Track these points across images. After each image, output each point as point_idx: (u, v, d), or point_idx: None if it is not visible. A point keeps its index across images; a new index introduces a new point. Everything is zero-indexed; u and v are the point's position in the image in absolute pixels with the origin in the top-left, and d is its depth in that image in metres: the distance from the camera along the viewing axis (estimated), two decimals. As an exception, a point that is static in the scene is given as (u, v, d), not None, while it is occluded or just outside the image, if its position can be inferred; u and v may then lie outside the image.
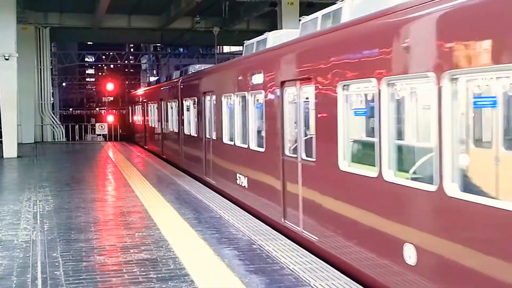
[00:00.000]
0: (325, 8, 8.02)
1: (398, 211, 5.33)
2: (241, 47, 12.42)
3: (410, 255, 5.04)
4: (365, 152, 6.43)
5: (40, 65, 31.95)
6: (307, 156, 7.56)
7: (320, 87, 6.97)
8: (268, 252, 6.90)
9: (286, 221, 8.20)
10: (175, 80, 18.99)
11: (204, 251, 7.02)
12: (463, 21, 4.42)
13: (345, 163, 6.42)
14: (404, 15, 5.27)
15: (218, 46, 39.53)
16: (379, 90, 5.56)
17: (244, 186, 10.29)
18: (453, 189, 4.52)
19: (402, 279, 5.19)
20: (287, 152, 8.28)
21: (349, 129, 6.49)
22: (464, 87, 4.50)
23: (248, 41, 11.51)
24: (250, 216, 9.23)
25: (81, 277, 6.04)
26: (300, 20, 8.89)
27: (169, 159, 19.16)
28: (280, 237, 7.69)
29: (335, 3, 7.55)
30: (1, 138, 21.81)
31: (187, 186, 12.74)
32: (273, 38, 10.19)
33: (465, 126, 4.56)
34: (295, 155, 7.94)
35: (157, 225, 8.54)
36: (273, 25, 26.87)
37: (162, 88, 21.94)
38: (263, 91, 9.25)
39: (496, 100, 4.17)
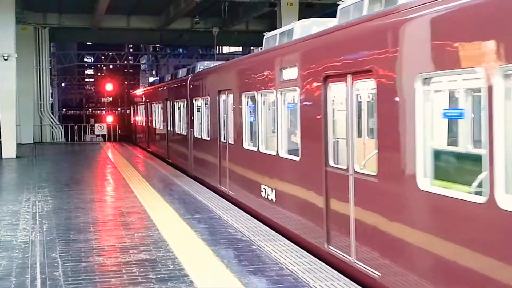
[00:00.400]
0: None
1: None
2: (240, 47, 12.38)
3: None
4: (460, 166, 5.20)
5: (39, 66, 31.94)
6: (362, 169, 6.15)
7: (384, 81, 5.51)
8: (268, 253, 6.90)
9: (330, 247, 6.74)
10: (183, 78, 17.52)
11: (204, 252, 7.01)
12: None
13: (426, 181, 4.88)
14: None
15: (217, 47, 39.51)
16: (490, 84, 4.04)
17: (271, 199, 8.86)
18: None
19: None
20: (331, 162, 6.79)
21: (433, 135, 5.05)
22: None
23: (268, 33, 10.20)
24: (249, 216, 9.21)
25: (80, 278, 6.03)
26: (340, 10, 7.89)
27: (176, 163, 17.85)
28: (280, 238, 7.68)
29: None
30: (0, 138, 21.78)
31: (186, 187, 12.73)
32: (301, 28, 8.72)
33: None
34: (343, 167, 6.44)
35: (156, 226, 8.54)
36: (272, 26, 26.84)
37: (167, 87, 20.58)
38: (297, 88, 7.73)
39: None
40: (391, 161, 5.40)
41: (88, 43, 55.29)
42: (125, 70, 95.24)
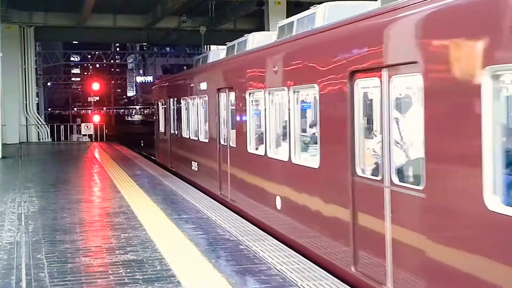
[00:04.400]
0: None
1: None
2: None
3: None
4: None
5: (25, 65, 31.63)
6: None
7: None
8: (255, 253, 6.88)
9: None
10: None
11: (191, 252, 6.98)
12: None
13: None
14: None
15: (205, 46, 39.40)
16: None
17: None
18: None
19: None
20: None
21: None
22: None
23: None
24: (237, 216, 9.19)
25: (66, 279, 5.97)
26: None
27: None
28: (268, 237, 7.67)
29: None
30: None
31: (174, 187, 12.68)
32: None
33: None
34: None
35: (143, 226, 8.49)
36: (261, 25, 26.85)
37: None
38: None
39: None
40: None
41: (74, 42, 54.96)
42: (112, 69, 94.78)
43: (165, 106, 17.47)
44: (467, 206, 4.14)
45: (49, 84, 64.29)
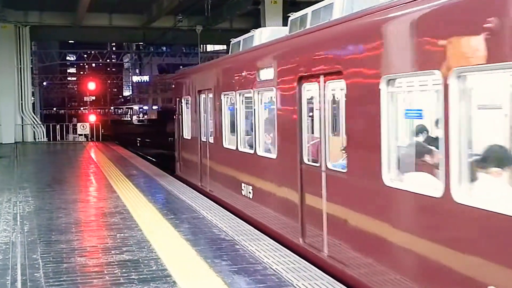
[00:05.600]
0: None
1: None
2: (225, 46, 12.40)
3: None
4: None
5: (20, 64, 31.54)
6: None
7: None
8: (251, 252, 6.88)
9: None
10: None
11: (187, 252, 6.98)
12: None
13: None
14: None
15: (201, 45, 39.38)
16: None
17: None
18: None
19: None
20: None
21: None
22: None
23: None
24: (233, 216, 9.19)
25: (61, 279, 5.96)
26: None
27: None
28: (264, 237, 7.67)
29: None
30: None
31: (170, 187, 12.67)
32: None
33: None
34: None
35: (139, 226, 8.47)
36: (257, 24, 26.82)
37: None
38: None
39: None
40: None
41: (70, 41, 54.83)
42: (108, 69, 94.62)
43: (194, 104, 12.95)
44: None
45: (44, 83, 64.13)
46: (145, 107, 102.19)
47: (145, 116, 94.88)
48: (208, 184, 11.80)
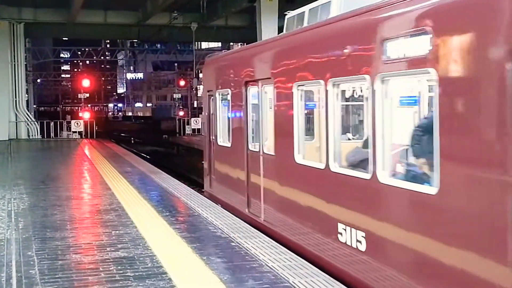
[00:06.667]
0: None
1: None
2: (219, 43, 12.33)
3: None
4: None
5: (14, 61, 31.41)
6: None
7: None
8: (247, 250, 6.88)
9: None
10: None
11: (182, 249, 6.96)
12: None
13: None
14: None
15: (196, 42, 39.28)
16: None
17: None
18: None
19: None
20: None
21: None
22: None
23: None
24: (229, 213, 9.18)
25: (56, 276, 5.94)
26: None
27: None
28: (259, 235, 7.67)
29: None
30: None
31: (165, 184, 12.64)
32: None
33: None
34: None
35: (134, 223, 8.45)
36: (252, 21, 26.82)
37: None
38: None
39: None
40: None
41: (64, 38, 54.59)
42: (102, 66, 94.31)
43: (237, 100, 9.51)
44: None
45: (38, 80, 63.85)
46: (119, 105, 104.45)
47: (120, 114, 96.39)
48: (263, 213, 8.39)
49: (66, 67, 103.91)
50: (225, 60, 11.35)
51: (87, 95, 71.30)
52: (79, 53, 55.83)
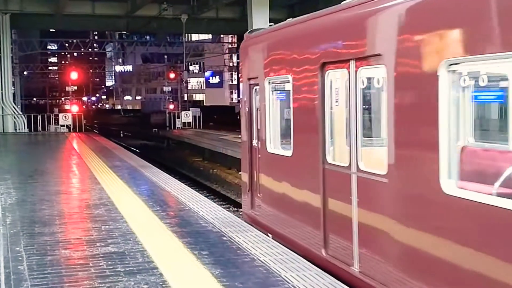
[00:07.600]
0: None
1: None
2: (210, 35, 12.25)
3: None
4: None
5: (0, 53, 31.01)
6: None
7: None
8: (239, 244, 6.84)
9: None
10: None
11: (173, 244, 6.91)
12: None
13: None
14: None
15: (186, 34, 39.04)
16: None
17: None
18: None
19: None
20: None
21: None
22: None
23: None
24: (220, 208, 9.14)
25: (45, 272, 5.86)
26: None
27: None
28: (251, 229, 7.64)
29: None
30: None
31: (155, 178, 12.56)
32: None
33: None
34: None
35: (124, 218, 8.38)
36: (243, 13, 26.68)
37: None
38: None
39: None
40: None
41: (51, 30, 53.96)
42: (90, 58, 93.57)
43: (306, 92, 6.81)
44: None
45: (25, 73, 63.20)
46: (93, 98, 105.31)
47: (93, 107, 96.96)
48: (357, 261, 5.65)
49: (53, 59, 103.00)
50: (281, 35, 7.90)
51: (75, 88, 70.82)
52: (67, 45, 55.27)
